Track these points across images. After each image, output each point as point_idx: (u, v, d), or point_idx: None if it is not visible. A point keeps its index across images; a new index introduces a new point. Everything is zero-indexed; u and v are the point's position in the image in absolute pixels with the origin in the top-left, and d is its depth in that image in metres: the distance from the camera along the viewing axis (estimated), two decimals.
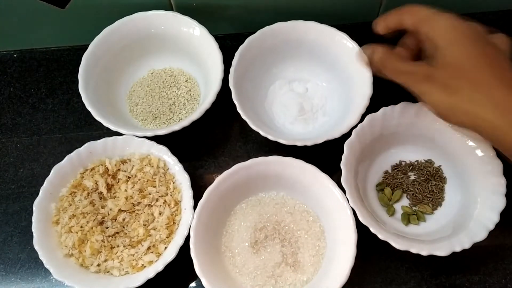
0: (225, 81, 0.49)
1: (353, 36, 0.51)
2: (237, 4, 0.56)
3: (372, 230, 0.42)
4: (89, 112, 0.49)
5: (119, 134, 0.49)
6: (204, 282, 0.41)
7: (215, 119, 0.54)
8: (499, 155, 0.45)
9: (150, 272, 0.43)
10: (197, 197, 0.45)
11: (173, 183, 0.48)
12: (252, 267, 0.46)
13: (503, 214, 0.42)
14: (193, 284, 0.47)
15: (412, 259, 0.45)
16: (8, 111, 0.57)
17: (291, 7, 0.56)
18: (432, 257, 0.41)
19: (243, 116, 0.47)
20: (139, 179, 0.48)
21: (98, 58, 0.52)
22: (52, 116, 0.57)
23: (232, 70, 0.50)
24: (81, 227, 0.46)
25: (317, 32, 0.52)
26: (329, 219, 0.46)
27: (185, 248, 0.43)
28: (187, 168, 0.52)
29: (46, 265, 0.43)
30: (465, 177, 0.47)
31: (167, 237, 0.45)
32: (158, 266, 0.43)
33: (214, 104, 0.49)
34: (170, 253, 0.43)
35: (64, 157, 0.48)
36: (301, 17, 0.52)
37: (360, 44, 0.50)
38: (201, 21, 0.53)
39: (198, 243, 0.43)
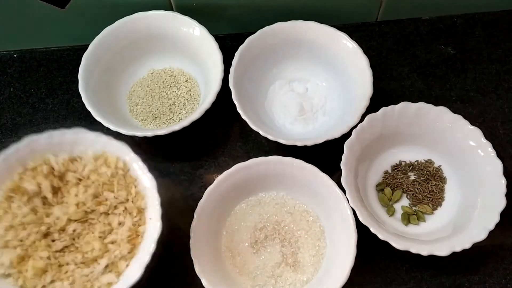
0: (225, 81, 0.49)
1: (353, 36, 0.51)
2: (237, 4, 0.56)
3: (372, 230, 0.42)
4: (89, 112, 0.48)
5: (119, 134, 0.49)
6: (204, 282, 0.41)
7: (215, 119, 0.54)
8: (499, 155, 0.45)
9: None
10: (197, 197, 0.45)
11: (135, 187, 0.40)
12: (252, 267, 0.46)
13: (503, 214, 0.42)
14: (193, 284, 0.47)
15: (412, 259, 0.45)
16: (8, 111, 0.57)
17: (291, 7, 0.56)
18: (432, 257, 0.41)
19: (243, 116, 0.47)
20: (92, 182, 0.40)
21: (98, 58, 0.52)
22: (52, 116, 0.57)
23: (232, 70, 0.50)
24: (21, 241, 0.37)
25: (317, 32, 0.52)
26: (329, 219, 0.46)
27: (182, 250, 0.43)
28: (187, 168, 0.52)
29: None
30: (465, 177, 0.47)
31: (129, 253, 0.37)
32: None
33: (214, 104, 0.48)
34: (133, 273, 0.35)
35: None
36: (301, 17, 0.52)
37: (360, 44, 0.50)
38: (201, 21, 0.53)
39: (198, 243, 0.43)
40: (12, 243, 0.37)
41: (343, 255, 0.42)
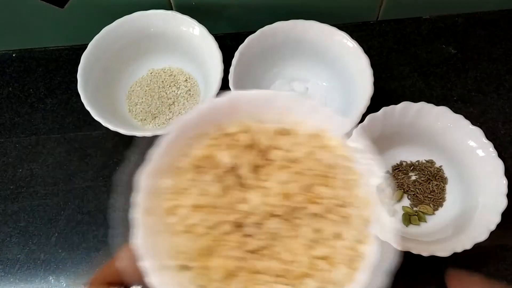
0: (225, 81, 0.49)
1: (353, 36, 0.51)
2: (237, 4, 0.56)
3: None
4: (88, 112, 0.48)
5: (119, 134, 0.48)
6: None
7: None
8: (501, 155, 0.45)
9: None
10: None
11: (362, 188, 0.28)
12: None
13: (504, 214, 0.42)
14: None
15: (413, 260, 0.45)
16: (7, 111, 0.57)
17: (291, 6, 0.56)
18: (433, 258, 0.41)
19: None
20: (308, 169, 0.28)
21: (97, 57, 0.52)
22: (51, 116, 0.56)
23: (232, 69, 0.49)
24: (209, 228, 0.27)
25: (317, 32, 0.52)
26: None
27: None
28: None
29: (153, 279, 0.25)
30: (466, 178, 0.47)
31: (345, 280, 0.26)
32: None
33: None
34: None
35: (63, 157, 0.47)
36: (301, 16, 0.52)
37: (361, 43, 0.50)
38: (200, 21, 0.52)
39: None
40: (199, 229, 0.27)
41: None
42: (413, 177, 0.50)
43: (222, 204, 0.27)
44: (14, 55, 0.61)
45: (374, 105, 0.47)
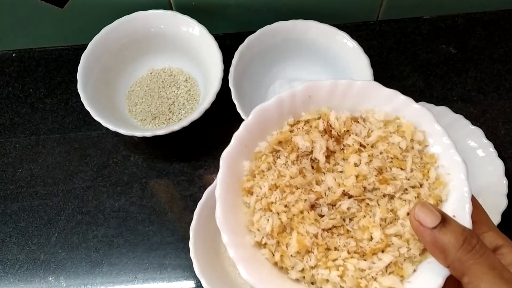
0: (224, 80, 0.49)
1: (353, 36, 0.51)
2: (237, 3, 0.56)
3: None
4: (88, 112, 0.48)
5: (118, 134, 0.48)
6: (203, 282, 0.41)
7: (214, 119, 0.53)
8: (501, 155, 0.44)
9: None
10: (196, 198, 0.45)
11: (435, 169, 0.30)
12: None
13: (504, 214, 0.42)
14: (192, 284, 0.46)
15: None
16: (7, 111, 0.57)
17: (291, 6, 0.56)
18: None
19: (243, 116, 0.47)
20: (380, 152, 0.30)
21: (97, 57, 0.52)
22: (50, 116, 0.56)
23: (232, 69, 0.49)
24: (286, 206, 0.29)
25: (317, 32, 0.52)
26: None
27: (182, 251, 0.43)
28: (186, 168, 0.52)
29: (231, 253, 0.27)
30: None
31: (420, 255, 0.28)
32: None
33: (214, 104, 0.48)
34: (422, 283, 0.27)
35: (63, 157, 0.47)
36: (301, 16, 0.52)
37: (361, 43, 0.50)
38: (200, 21, 0.52)
39: (198, 244, 0.43)
40: (276, 207, 0.29)
41: None
42: None
43: (301, 185, 0.29)
44: (14, 55, 0.61)
45: None
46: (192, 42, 0.53)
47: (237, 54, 0.50)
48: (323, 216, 0.29)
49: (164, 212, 0.50)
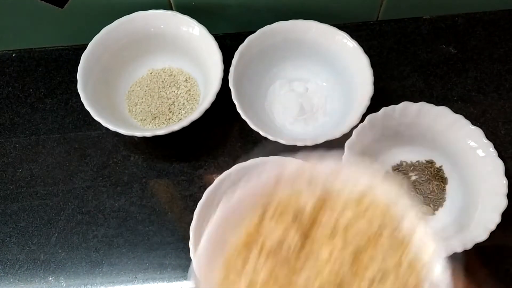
0: (225, 80, 0.49)
1: (353, 36, 0.51)
2: (237, 3, 0.56)
3: None
4: (88, 112, 0.48)
5: (118, 134, 0.48)
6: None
7: (215, 119, 0.53)
8: (501, 155, 0.45)
9: None
10: (197, 198, 0.45)
11: (410, 249, 0.26)
12: None
13: (504, 214, 0.42)
14: (192, 284, 0.46)
15: None
16: (7, 111, 0.57)
17: (291, 6, 0.56)
18: None
19: (243, 116, 0.47)
20: (355, 235, 0.27)
21: (97, 57, 0.52)
22: (50, 116, 0.56)
23: (232, 69, 0.49)
24: None
25: (317, 32, 0.52)
26: None
27: (181, 250, 0.43)
28: (186, 168, 0.52)
29: None
30: (467, 178, 0.47)
31: None
32: None
33: (214, 104, 0.48)
34: None
35: (63, 157, 0.47)
36: (301, 16, 0.52)
37: (361, 43, 0.50)
38: (200, 21, 0.52)
39: (198, 244, 0.43)
40: None
41: None
42: (413, 177, 0.50)
43: (278, 283, 0.27)
44: (14, 55, 0.61)
45: (374, 105, 0.47)
46: (192, 42, 0.53)
47: (237, 54, 0.50)
48: None
49: (164, 212, 0.50)
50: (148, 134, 0.48)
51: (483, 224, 0.42)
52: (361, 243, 0.27)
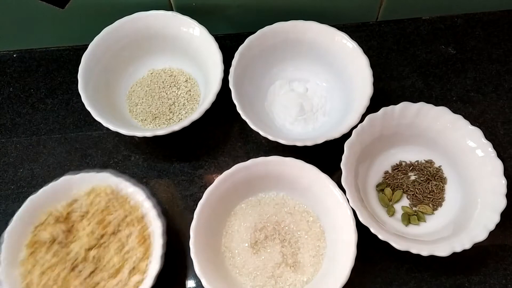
0: (225, 81, 0.49)
1: (353, 36, 0.51)
2: (237, 4, 0.56)
3: (372, 230, 0.42)
4: (88, 112, 0.48)
5: (119, 134, 0.49)
6: (203, 282, 0.41)
7: (215, 119, 0.53)
8: (500, 155, 0.45)
9: None
10: (197, 197, 0.45)
11: (129, 202, 0.47)
12: (252, 268, 0.45)
13: (503, 214, 0.42)
14: (193, 284, 0.47)
15: (412, 260, 0.45)
16: (8, 111, 0.57)
17: (291, 7, 0.56)
18: (432, 258, 0.41)
19: (243, 116, 0.47)
20: (93, 214, 0.46)
21: (97, 58, 0.52)
22: (51, 116, 0.56)
23: (232, 70, 0.50)
24: (55, 280, 0.44)
25: (317, 32, 0.52)
26: (330, 219, 0.46)
27: (182, 250, 0.43)
28: (187, 168, 0.52)
29: None
30: (466, 177, 0.47)
31: (145, 254, 0.44)
32: (147, 282, 0.42)
33: (214, 104, 0.48)
34: (154, 266, 0.43)
35: (64, 157, 0.48)
36: (301, 17, 0.52)
37: (360, 44, 0.50)
38: (201, 21, 0.53)
39: (198, 244, 0.43)
40: (48, 284, 0.44)
41: (343, 256, 0.42)
42: (413, 177, 0.50)
43: (57, 262, 0.45)
44: (15, 55, 0.61)
45: (373, 105, 0.47)
46: (192, 43, 0.53)
47: (237, 55, 0.50)
48: (81, 270, 0.44)
49: (164, 212, 0.50)
50: (148, 134, 0.48)
51: (482, 224, 0.42)
52: (99, 215, 0.46)
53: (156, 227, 0.44)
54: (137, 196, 0.46)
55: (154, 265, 0.43)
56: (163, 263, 0.43)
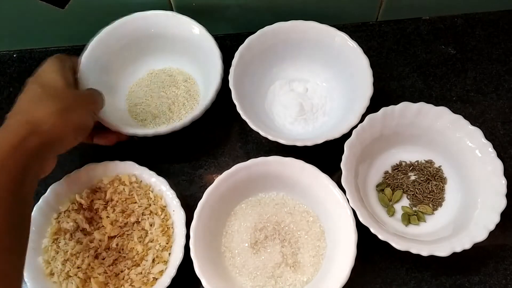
0: (225, 81, 0.49)
1: (353, 36, 0.51)
2: (237, 4, 0.56)
3: (372, 230, 0.42)
4: None
5: (118, 134, 0.48)
6: (203, 282, 0.41)
7: (215, 119, 0.53)
8: (500, 155, 0.45)
9: (165, 280, 0.43)
10: (197, 197, 0.45)
11: (152, 191, 0.47)
12: (252, 268, 0.45)
13: (503, 214, 0.42)
14: (193, 284, 0.46)
15: (412, 260, 0.45)
16: (8, 112, 0.57)
17: (291, 7, 0.56)
18: (432, 258, 0.41)
19: (243, 116, 0.47)
20: (117, 202, 0.47)
21: (97, 58, 0.52)
22: None
23: (232, 70, 0.50)
24: (78, 267, 0.44)
25: (317, 32, 0.52)
26: (329, 219, 0.46)
27: (185, 249, 0.43)
28: (187, 168, 0.52)
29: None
30: (466, 178, 0.47)
31: (167, 243, 0.45)
32: (171, 272, 0.43)
33: (214, 104, 0.48)
34: (176, 256, 0.44)
35: (64, 157, 0.47)
36: (301, 17, 0.52)
37: (360, 44, 0.50)
38: (200, 21, 0.53)
39: (198, 244, 0.43)
40: (72, 272, 0.44)
41: (343, 256, 0.42)
42: (413, 177, 0.50)
43: (80, 249, 0.45)
44: (14, 55, 0.61)
45: (373, 105, 0.47)
46: (192, 43, 0.53)
47: (237, 55, 0.50)
48: (105, 258, 0.45)
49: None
50: (150, 132, 0.48)
51: (482, 224, 0.42)
52: (123, 203, 0.47)
53: (179, 217, 0.45)
54: (160, 185, 0.47)
55: (177, 254, 0.43)
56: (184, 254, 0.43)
